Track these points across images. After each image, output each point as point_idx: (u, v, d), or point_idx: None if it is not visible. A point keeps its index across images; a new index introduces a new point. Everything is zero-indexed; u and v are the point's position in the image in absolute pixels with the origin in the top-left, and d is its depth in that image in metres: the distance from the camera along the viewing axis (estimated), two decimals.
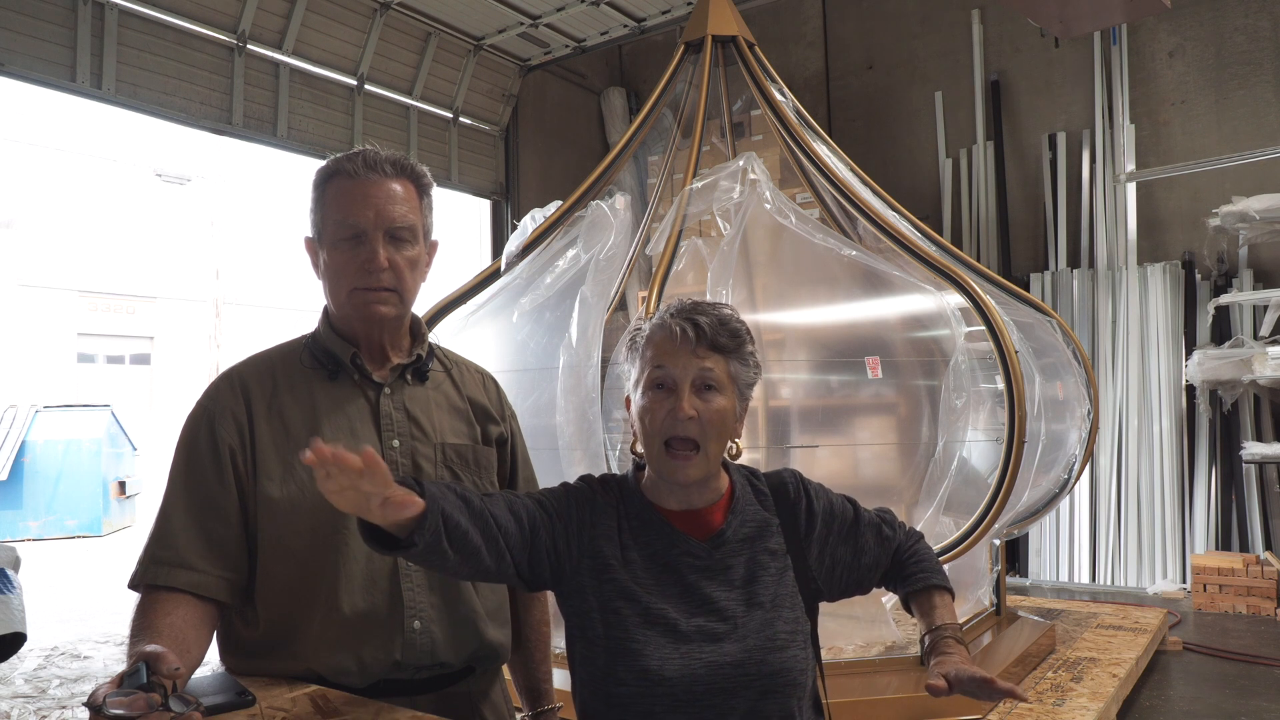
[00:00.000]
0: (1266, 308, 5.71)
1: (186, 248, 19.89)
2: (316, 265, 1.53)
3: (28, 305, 17.74)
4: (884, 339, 3.77)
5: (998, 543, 4.09)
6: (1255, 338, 5.73)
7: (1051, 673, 3.72)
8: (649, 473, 1.39)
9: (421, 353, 1.58)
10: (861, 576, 1.44)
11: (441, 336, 3.62)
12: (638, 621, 1.29)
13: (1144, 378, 6.13)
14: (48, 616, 6.05)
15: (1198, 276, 6.11)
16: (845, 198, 4.08)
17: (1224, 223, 5.63)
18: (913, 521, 3.48)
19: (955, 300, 3.61)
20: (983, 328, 3.51)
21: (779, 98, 4.38)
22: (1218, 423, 5.92)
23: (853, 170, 4.37)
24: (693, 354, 1.32)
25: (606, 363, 3.35)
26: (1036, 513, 4.41)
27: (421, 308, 2.73)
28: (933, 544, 2.31)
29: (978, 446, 3.70)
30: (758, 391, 1.53)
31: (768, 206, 3.65)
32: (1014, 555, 6.38)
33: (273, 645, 1.44)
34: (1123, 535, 6.10)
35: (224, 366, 2.82)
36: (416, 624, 1.45)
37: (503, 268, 3.99)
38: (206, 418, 1.47)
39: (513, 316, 3.77)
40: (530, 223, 4.05)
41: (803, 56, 7.72)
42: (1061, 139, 6.61)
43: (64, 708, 4.19)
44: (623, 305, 3.76)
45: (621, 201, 4.26)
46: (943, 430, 3.50)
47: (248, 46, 5.77)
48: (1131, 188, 6.28)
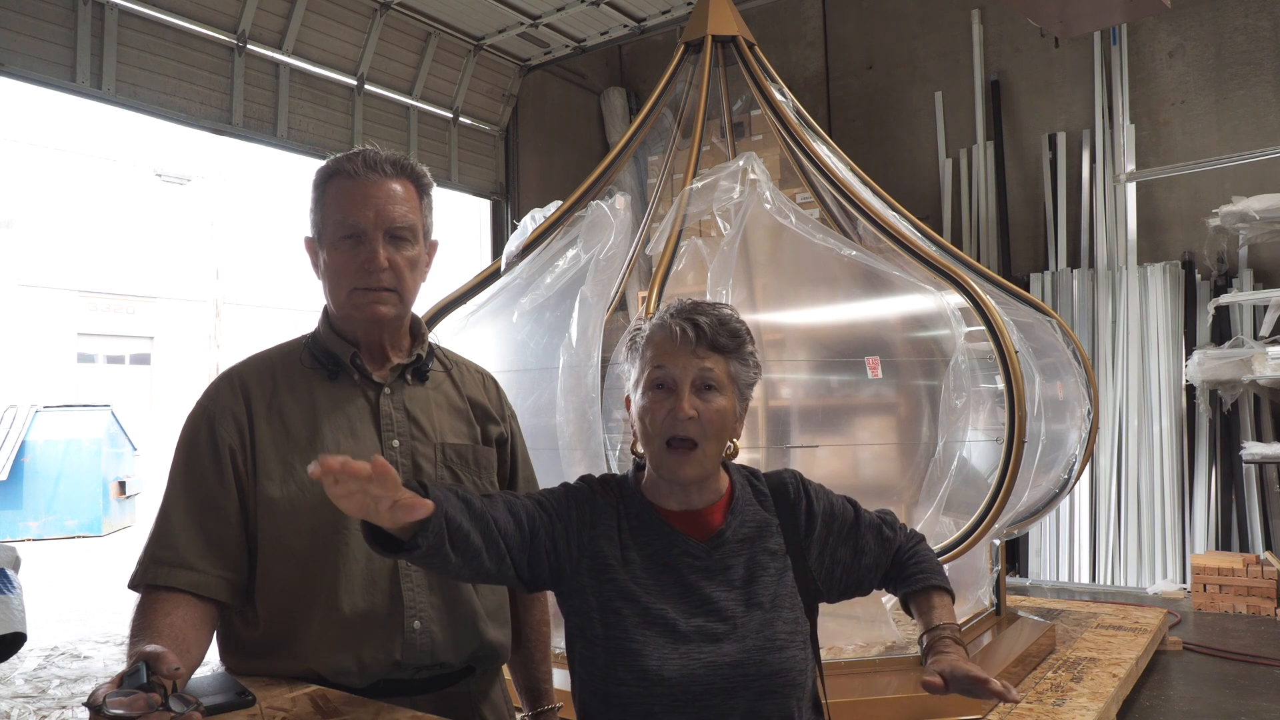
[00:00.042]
0: (1266, 308, 5.71)
1: (186, 248, 19.90)
2: (316, 265, 1.53)
3: (28, 305, 17.74)
4: (884, 339, 3.77)
5: (998, 543, 4.09)
6: (1255, 338, 5.72)
7: (1051, 673, 3.72)
8: (649, 473, 1.39)
9: (421, 353, 1.58)
10: (861, 577, 1.44)
11: (441, 336, 3.62)
12: (637, 622, 1.29)
13: (1144, 378, 6.13)
14: (48, 616, 6.04)
15: (1198, 276, 6.11)
16: (845, 198, 4.08)
17: (1224, 223, 5.63)
18: (913, 522, 3.48)
19: (955, 300, 3.61)
20: (983, 328, 3.51)
21: (779, 98, 4.38)
22: (1218, 423, 5.91)
23: (853, 170, 4.37)
24: (693, 354, 1.32)
25: (606, 363, 3.34)
26: (1036, 513, 4.41)
27: (421, 308, 2.73)
28: (933, 544, 2.31)
29: (978, 446, 3.70)
30: (758, 391, 1.53)
31: (768, 206, 3.65)
32: (1014, 555, 6.38)
33: (273, 645, 1.44)
34: (1123, 535, 6.10)
35: (224, 366, 2.82)
36: (416, 624, 1.45)
37: (503, 268, 3.99)
38: (206, 418, 1.48)
39: (513, 316, 3.77)
40: (530, 223, 4.05)
41: (803, 56, 7.72)
42: (1061, 139, 6.61)
43: (64, 708, 4.19)
44: (623, 305, 3.76)
45: (621, 201, 4.26)
46: (943, 430, 3.50)
47: (248, 46, 5.77)
48: (1131, 188, 6.28)
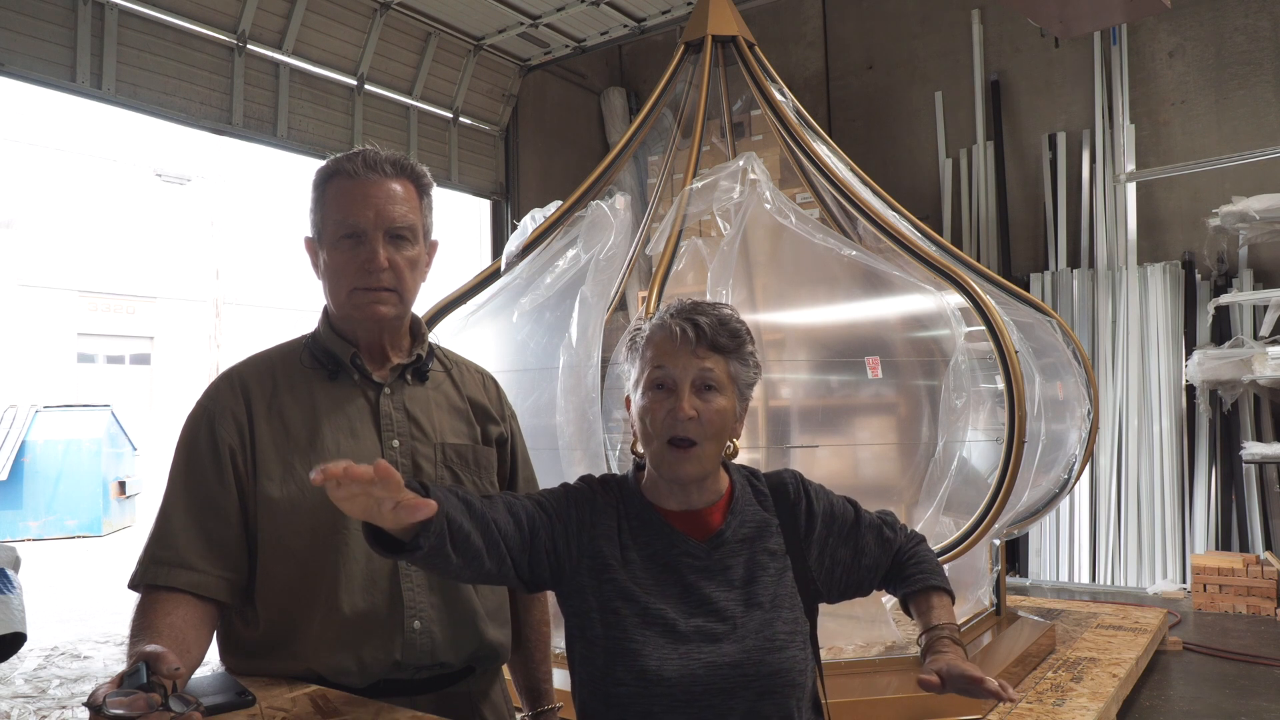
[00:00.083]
0: (1266, 308, 5.71)
1: (186, 248, 19.90)
2: (316, 265, 1.53)
3: (28, 305, 17.74)
4: (884, 339, 3.77)
5: (998, 543, 4.09)
6: (1255, 338, 5.72)
7: (1051, 673, 3.72)
8: (649, 473, 1.39)
9: (421, 353, 1.58)
10: (861, 578, 1.44)
11: (441, 336, 3.62)
12: (637, 622, 1.29)
13: (1144, 378, 6.13)
14: (48, 616, 6.04)
15: (1198, 276, 6.11)
16: (845, 198, 4.08)
17: (1224, 223, 5.63)
18: (913, 522, 3.48)
19: (955, 300, 3.61)
20: (983, 328, 3.51)
21: (779, 98, 4.38)
22: (1218, 423, 5.91)
23: (853, 170, 4.37)
24: (693, 354, 1.32)
25: (606, 363, 3.34)
26: (1036, 513, 4.41)
27: (421, 308, 2.73)
28: (933, 544, 2.31)
29: (978, 446, 3.70)
30: (758, 391, 1.53)
31: (768, 206, 3.65)
32: (1014, 555, 6.38)
33: (273, 645, 1.44)
34: (1123, 535, 6.10)
35: (224, 366, 2.82)
36: (416, 624, 1.45)
37: (503, 268, 3.99)
38: (206, 418, 1.48)
39: (513, 316, 3.77)
40: (530, 223, 4.05)
41: (803, 56, 7.72)
42: (1061, 139, 6.60)
43: (64, 708, 4.19)
44: (623, 305, 3.76)
45: (621, 201, 4.25)
46: (943, 430, 3.50)
47: (248, 46, 5.77)
48: (1131, 188, 6.28)
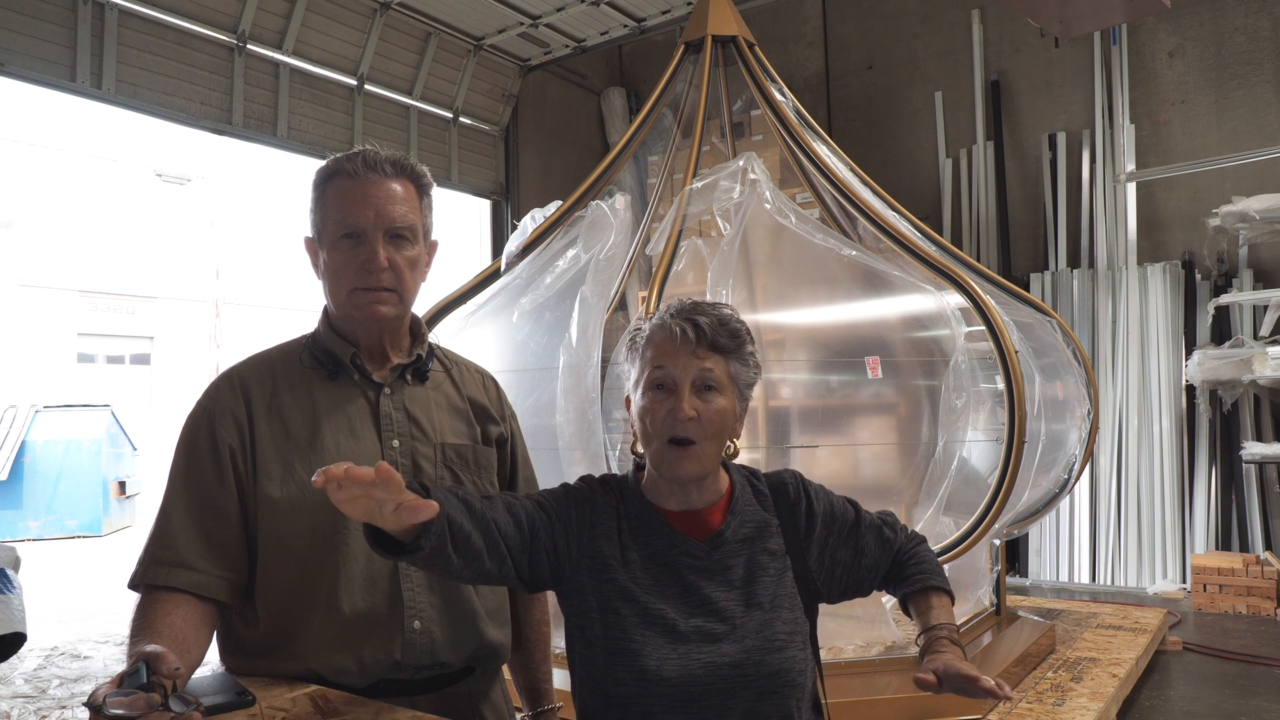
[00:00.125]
0: (1266, 308, 5.71)
1: (186, 248, 19.89)
2: (316, 265, 1.53)
3: (28, 305, 17.74)
4: (884, 339, 3.77)
5: (998, 543, 4.09)
6: (1255, 338, 5.72)
7: (1051, 673, 3.72)
8: (649, 473, 1.39)
9: (421, 353, 1.58)
10: (861, 578, 1.44)
11: (441, 336, 3.62)
12: (636, 622, 1.29)
13: (1144, 378, 6.13)
14: (48, 616, 6.04)
15: (1198, 276, 6.11)
16: (845, 198, 4.08)
17: (1224, 223, 5.63)
18: (913, 522, 3.48)
19: (955, 300, 3.61)
20: (983, 328, 3.51)
21: (779, 98, 4.38)
22: (1218, 423, 5.91)
23: (853, 170, 4.37)
24: (693, 354, 1.32)
25: (606, 363, 3.34)
26: (1036, 513, 4.41)
27: (421, 308, 2.73)
28: (933, 544, 2.31)
29: (978, 446, 3.70)
30: (758, 391, 1.53)
31: (768, 206, 3.65)
32: (1014, 555, 6.38)
33: (273, 645, 1.44)
34: (1123, 535, 6.10)
35: (224, 366, 2.82)
36: (416, 624, 1.45)
37: (503, 268, 3.99)
38: (206, 418, 1.48)
39: (513, 316, 3.77)
40: (530, 223, 4.05)
41: (803, 56, 7.72)
42: (1061, 139, 6.60)
43: (64, 708, 4.19)
44: (623, 305, 3.76)
45: (621, 201, 4.25)
46: (943, 430, 3.50)
47: (248, 46, 5.77)
48: (1131, 188, 6.28)
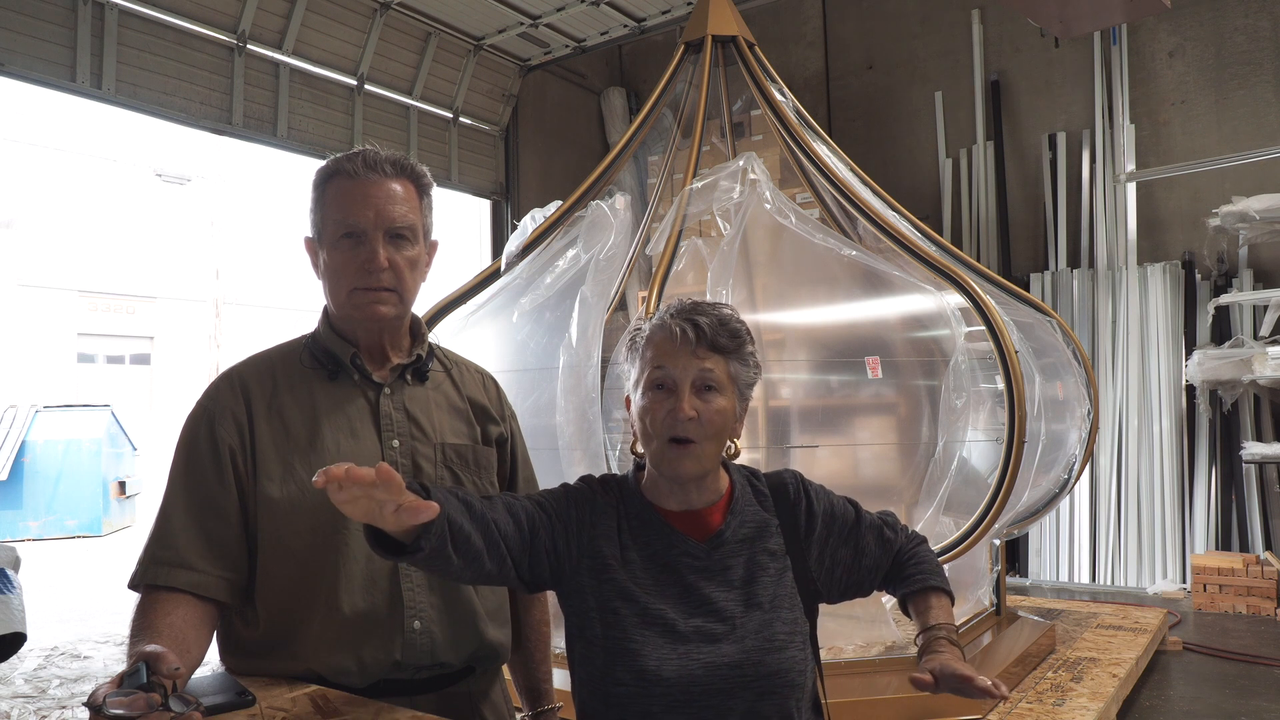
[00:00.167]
0: (1266, 308, 5.71)
1: (186, 248, 19.89)
2: (316, 265, 1.53)
3: (28, 305, 17.74)
4: (884, 339, 3.77)
5: (998, 543, 4.09)
6: (1255, 338, 5.72)
7: (1051, 673, 3.72)
8: (649, 473, 1.39)
9: (421, 353, 1.58)
10: (862, 578, 1.44)
11: (441, 336, 3.62)
12: (636, 622, 1.29)
13: (1144, 378, 6.13)
14: (48, 616, 6.04)
15: (1198, 276, 6.11)
16: (845, 198, 4.08)
17: (1224, 223, 5.63)
18: (913, 522, 3.48)
19: (955, 300, 3.61)
20: (983, 328, 3.51)
21: (779, 98, 4.38)
22: (1218, 423, 5.91)
23: (853, 170, 4.37)
24: (693, 354, 1.31)
25: (606, 363, 3.34)
26: (1036, 513, 4.41)
27: (421, 308, 2.73)
28: (933, 544, 2.31)
29: (978, 446, 3.70)
30: (758, 391, 1.53)
31: (768, 206, 3.65)
32: (1014, 555, 6.38)
33: (273, 645, 1.44)
34: (1123, 535, 6.10)
35: (224, 366, 2.82)
36: (416, 624, 1.45)
37: (503, 268, 3.99)
38: (206, 418, 1.48)
39: (513, 316, 3.77)
40: (530, 223, 4.05)
41: (803, 56, 7.72)
42: (1061, 139, 6.60)
43: (64, 708, 4.19)
44: (623, 305, 3.76)
45: (621, 201, 4.25)
46: (943, 430, 3.50)
47: (248, 46, 5.77)
48: (1131, 188, 6.28)
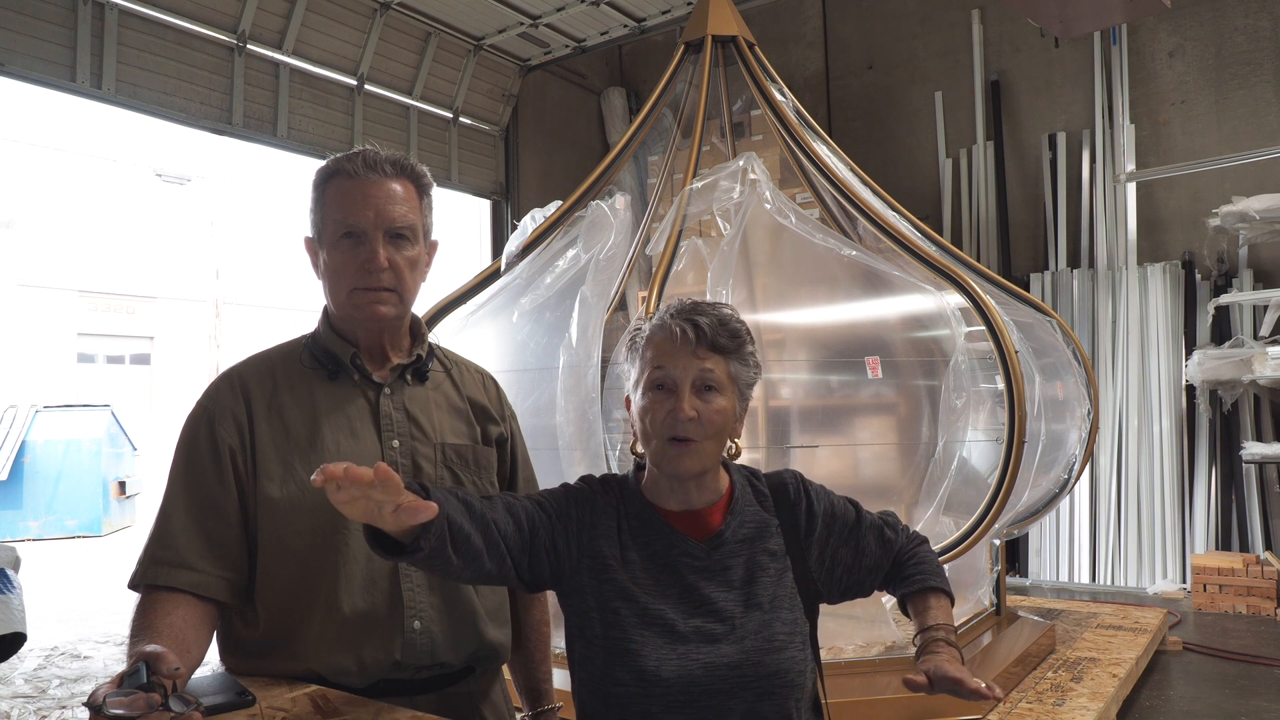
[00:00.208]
0: (1266, 308, 5.71)
1: (186, 248, 19.90)
2: (316, 265, 1.53)
3: (28, 305, 17.74)
4: (884, 339, 3.77)
5: (998, 543, 4.09)
6: (1255, 338, 5.72)
7: (1051, 673, 3.72)
8: (649, 473, 1.39)
9: (421, 353, 1.58)
10: (862, 578, 1.44)
11: (441, 336, 3.62)
12: (635, 622, 1.29)
13: (1144, 378, 6.13)
14: (48, 616, 6.04)
15: (1198, 276, 6.11)
16: (845, 198, 4.08)
17: (1224, 223, 5.63)
18: (913, 522, 3.48)
19: (955, 300, 3.61)
20: (983, 328, 3.51)
21: (779, 98, 4.38)
22: (1218, 423, 5.91)
23: (853, 170, 4.37)
24: (693, 354, 1.31)
25: (606, 363, 3.34)
26: (1036, 513, 4.41)
27: (421, 308, 2.73)
28: (933, 544, 2.31)
29: (978, 446, 3.70)
30: (758, 391, 1.53)
31: (768, 206, 3.65)
32: (1014, 555, 6.38)
33: (273, 645, 1.44)
34: (1123, 535, 6.10)
35: (224, 366, 2.82)
36: (416, 624, 1.45)
37: (503, 268, 3.99)
38: (206, 418, 1.48)
39: (513, 316, 3.77)
40: (530, 223, 4.05)
41: (803, 56, 7.72)
42: (1061, 139, 6.60)
43: (64, 708, 4.19)
44: (623, 305, 3.76)
45: (621, 201, 4.25)
46: (943, 430, 3.50)
47: (248, 46, 5.77)
48: (1131, 188, 6.28)
